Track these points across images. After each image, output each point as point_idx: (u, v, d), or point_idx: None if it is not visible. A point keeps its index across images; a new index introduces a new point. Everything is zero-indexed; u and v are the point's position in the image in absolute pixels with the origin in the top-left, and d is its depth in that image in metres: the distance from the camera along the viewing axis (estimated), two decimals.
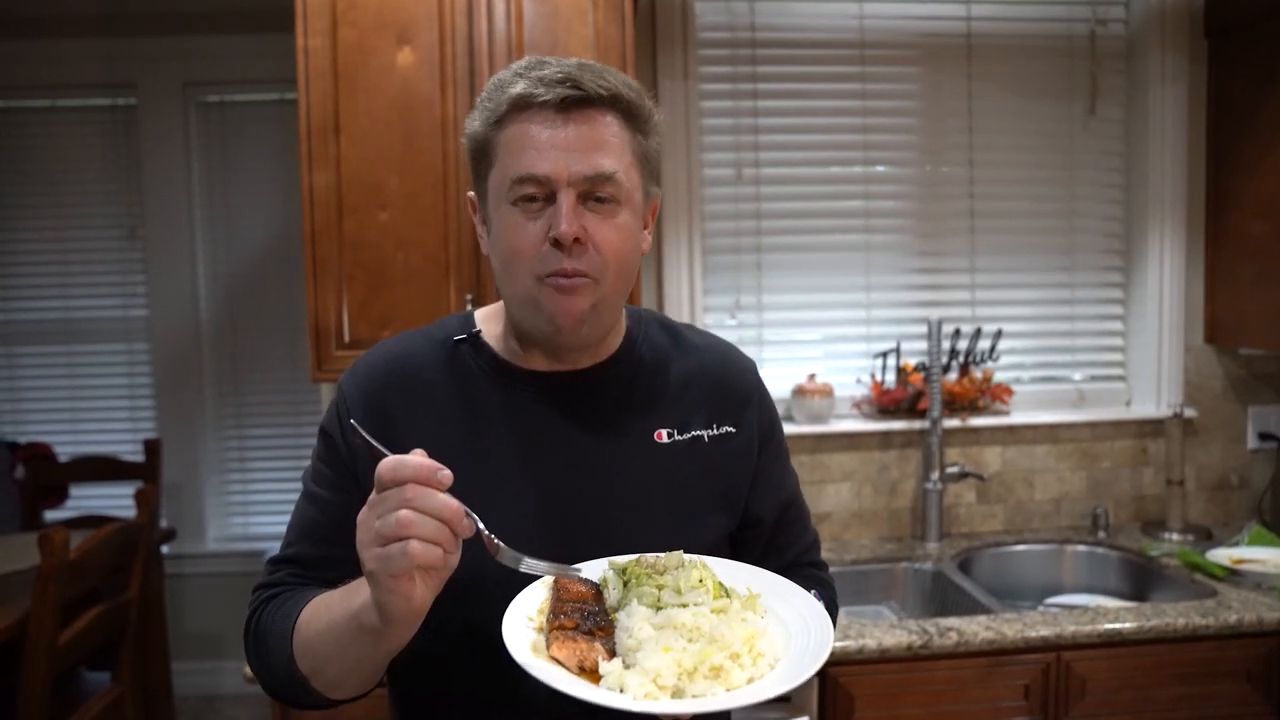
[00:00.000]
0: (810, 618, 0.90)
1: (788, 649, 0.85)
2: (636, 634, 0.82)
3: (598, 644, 0.83)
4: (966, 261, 2.65)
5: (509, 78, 0.96)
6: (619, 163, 0.95)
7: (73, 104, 3.63)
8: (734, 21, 2.55)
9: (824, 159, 2.60)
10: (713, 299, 2.57)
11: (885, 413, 2.55)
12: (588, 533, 1.00)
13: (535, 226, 0.94)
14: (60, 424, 3.72)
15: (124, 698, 2.56)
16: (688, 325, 1.17)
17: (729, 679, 0.80)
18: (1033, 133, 2.64)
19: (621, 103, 0.95)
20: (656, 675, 0.78)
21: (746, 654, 0.82)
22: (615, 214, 0.96)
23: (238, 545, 3.70)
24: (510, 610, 0.87)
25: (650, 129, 1.00)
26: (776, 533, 1.14)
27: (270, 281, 3.66)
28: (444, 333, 1.08)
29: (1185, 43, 2.55)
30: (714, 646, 0.80)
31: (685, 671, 0.79)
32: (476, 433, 1.02)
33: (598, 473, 1.02)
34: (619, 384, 1.06)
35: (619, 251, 0.96)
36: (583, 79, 0.93)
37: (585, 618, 0.84)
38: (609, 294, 0.97)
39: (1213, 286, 2.58)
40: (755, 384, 1.14)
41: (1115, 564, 2.40)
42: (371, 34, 1.97)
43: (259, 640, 0.99)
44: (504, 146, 0.95)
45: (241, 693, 3.61)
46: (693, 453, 1.06)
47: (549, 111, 0.93)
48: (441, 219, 2.00)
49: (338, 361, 2.01)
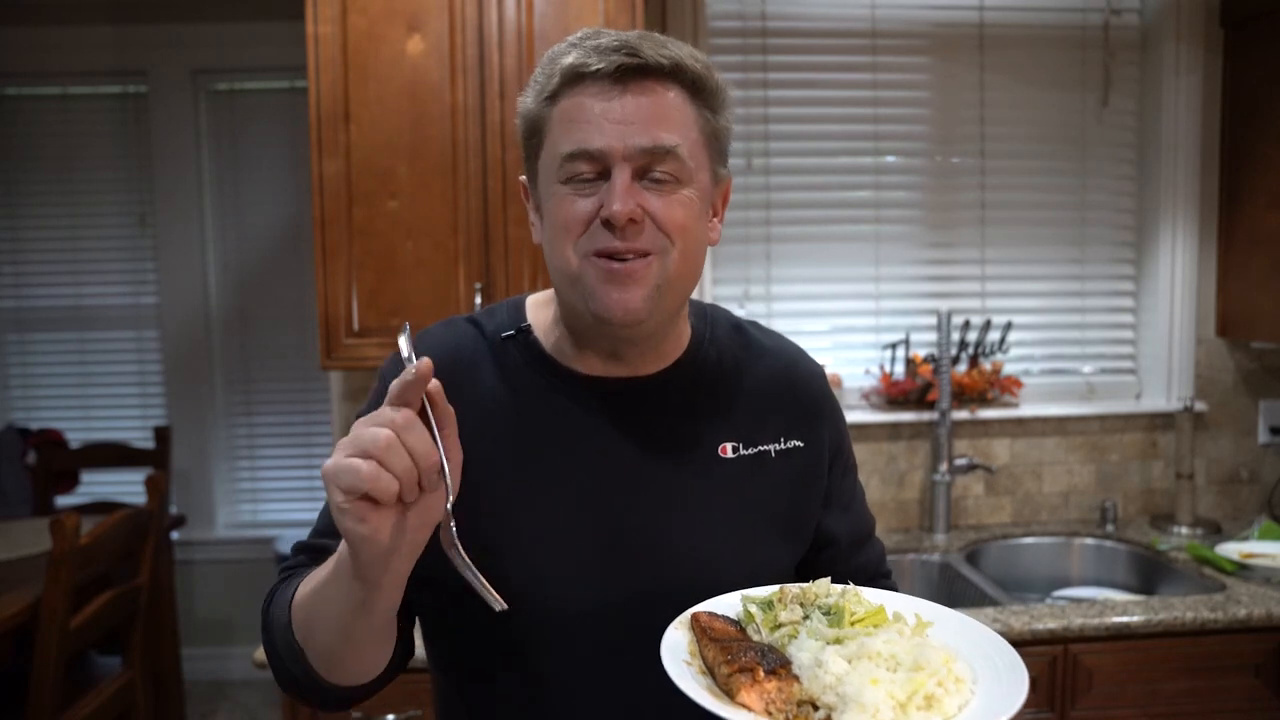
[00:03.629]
0: (975, 635, 0.83)
1: (975, 671, 0.78)
2: (832, 669, 0.73)
3: (787, 684, 0.75)
4: (977, 253, 2.64)
5: (563, 49, 0.88)
6: (683, 138, 0.86)
7: (83, 91, 3.64)
8: (745, 10, 2.53)
9: (834, 149, 2.59)
10: (722, 289, 2.57)
11: (894, 404, 2.54)
12: (646, 555, 0.92)
13: (586, 203, 0.85)
14: (71, 410, 3.74)
15: (134, 682, 2.58)
16: (754, 323, 1.08)
17: (943, 708, 0.73)
18: (1045, 124, 2.62)
19: (686, 74, 0.86)
20: (875, 711, 0.70)
21: (949, 679, 0.75)
22: (676, 190, 0.86)
23: (247, 532, 3.73)
24: (668, 656, 0.78)
25: (720, 104, 0.90)
26: (853, 552, 1.07)
27: (280, 269, 3.67)
28: (493, 325, 0.99)
29: (1200, 33, 2.52)
30: (923, 674, 0.73)
31: (899, 705, 0.71)
32: (525, 442, 0.94)
33: (656, 489, 0.94)
34: (682, 392, 0.97)
35: (683, 227, 0.86)
36: (641, 47, 0.84)
37: (763, 656, 0.76)
38: (675, 274, 0.87)
39: (1225, 279, 2.57)
40: (825, 393, 1.06)
41: (1124, 557, 2.39)
42: (381, 21, 1.97)
43: (267, 618, 0.94)
44: (556, 122, 0.87)
45: (250, 678, 3.64)
46: (759, 469, 0.97)
47: (604, 82, 0.84)
48: (451, 207, 2.00)
49: (347, 349, 2.01)
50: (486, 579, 0.76)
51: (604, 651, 0.83)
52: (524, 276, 2.00)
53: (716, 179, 0.93)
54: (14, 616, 2.21)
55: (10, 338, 3.73)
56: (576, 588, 0.91)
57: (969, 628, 0.84)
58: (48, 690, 2.17)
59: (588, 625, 0.90)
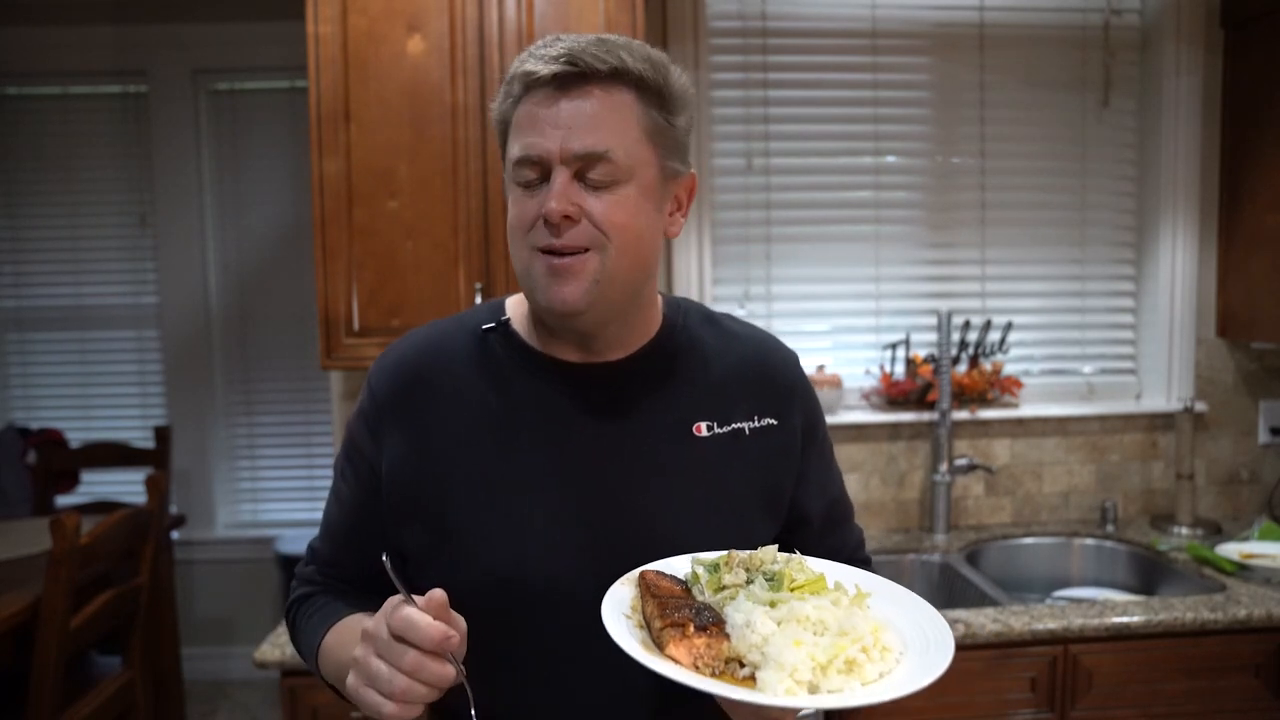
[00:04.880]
0: (917, 612, 0.86)
1: (905, 643, 0.82)
2: (760, 629, 0.77)
3: (716, 641, 0.79)
4: (977, 253, 2.64)
5: (524, 56, 0.94)
6: (619, 140, 0.91)
7: (84, 91, 3.64)
8: (745, 10, 2.53)
9: (835, 149, 2.59)
10: (722, 289, 2.57)
11: (894, 404, 2.54)
12: (626, 531, 0.97)
13: (532, 203, 0.92)
14: (71, 410, 3.74)
15: (134, 682, 2.58)
16: (728, 315, 1.13)
17: (863, 673, 0.76)
18: (1045, 124, 2.62)
19: (629, 76, 0.91)
20: (794, 670, 0.73)
21: (874, 647, 0.78)
22: (615, 190, 0.91)
23: (247, 532, 3.73)
24: (608, 608, 0.83)
25: (673, 105, 0.95)
26: (825, 533, 1.10)
27: (280, 269, 3.67)
28: (474, 321, 1.05)
29: (1201, 33, 2.52)
30: (846, 639, 0.77)
31: (819, 666, 0.75)
32: (507, 428, 0.99)
33: (635, 469, 0.98)
34: (655, 375, 1.02)
35: (618, 224, 0.91)
36: (582, 54, 0.89)
37: (697, 614, 0.80)
38: (614, 268, 0.92)
39: (1225, 280, 2.57)
40: (798, 376, 1.10)
41: (1124, 558, 2.39)
42: (382, 21, 1.97)
43: (295, 637, 1.08)
44: (514, 127, 0.94)
45: (250, 678, 3.64)
46: (734, 446, 1.02)
47: (548, 88, 0.91)
48: (451, 208, 2.00)
49: (347, 349, 2.01)
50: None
51: (590, 620, 0.87)
52: None
53: (671, 174, 0.97)
54: (14, 616, 2.21)
55: (10, 338, 3.73)
56: (560, 563, 0.95)
57: (911, 603, 0.87)
58: (48, 690, 2.17)
59: (572, 597, 0.94)
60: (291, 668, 1.76)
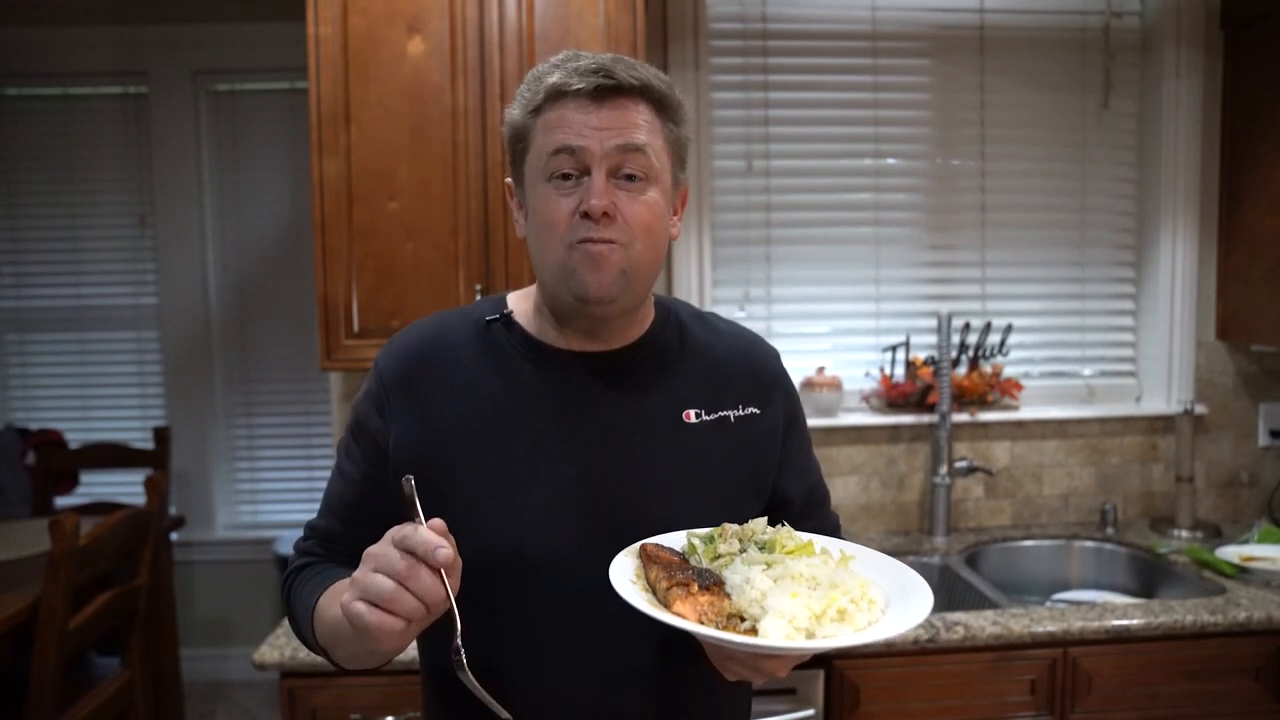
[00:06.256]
0: (896, 572, 0.93)
1: (888, 597, 0.89)
2: (758, 585, 0.84)
3: (718, 599, 0.85)
4: (977, 255, 2.64)
5: (546, 69, 1.01)
6: (650, 142, 1.00)
7: (84, 92, 3.64)
8: (745, 12, 2.53)
9: (835, 151, 2.59)
10: (722, 290, 2.57)
11: (894, 406, 2.54)
12: (621, 511, 1.02)
13: (569, 201, 0.98)
14: (71, 411, 3.74)
15: (133, 682, 2.58)
16: (713, 314, 1.21)
17: (854, 621, 0.83)
18: (1045, 126, 2.62)
19: (653, 92, 1.00)
20: (792, 618, 0.81)
21: (862, 599, 0.86)
22: (644, 191, 1.00)
23: (246, 533, 3.72)
24: (616, 574, 0.90)
25: (680, 118, 1.05)
26: (805, 515, 1.16)
27: (280, 270, 3.67)
28: (477, 313, 1.12)
29: (1201, 36, 2.53)
30: (837, 591, 0.84)
31: (814, 615, 0.82)
32: (508, 411, 1.04)
33: (629, 452, 1.05)
34: (648, 365, 1.09)
35: (646, 225, 1.00)
36: (615, 69, 0.98)
37: (700, 575, 0.88)
38: (638, 262, 1.00)
39: (1225, 282, 2.57)
40: (779, 370, 1.18)
41: (1123, 560, 2.39)
42: (382, 22, 1.97)
43: (290, 608, 1.10)
44: (540, 129, 1.00)
45: (249, 679, 3.64)
46: (720, 432, 1.09)
47: (583, 99, 0.98)
48: (451, 209, 2.00)
49: (347, 350, 2.01)
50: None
51: (587, 589, 0.94)
52: (524, 277, 1.99)
53: (677, 182, 1.07)
54: (14, 617, 2.21)
55: (10, 338, 3.73)
56: (558, 539, 1.01)
57: (889, 565, 0.96)
58: (47, 690, 2.17)
59: (570, 572, 1.00)
60: (291, 669, 1.76)
